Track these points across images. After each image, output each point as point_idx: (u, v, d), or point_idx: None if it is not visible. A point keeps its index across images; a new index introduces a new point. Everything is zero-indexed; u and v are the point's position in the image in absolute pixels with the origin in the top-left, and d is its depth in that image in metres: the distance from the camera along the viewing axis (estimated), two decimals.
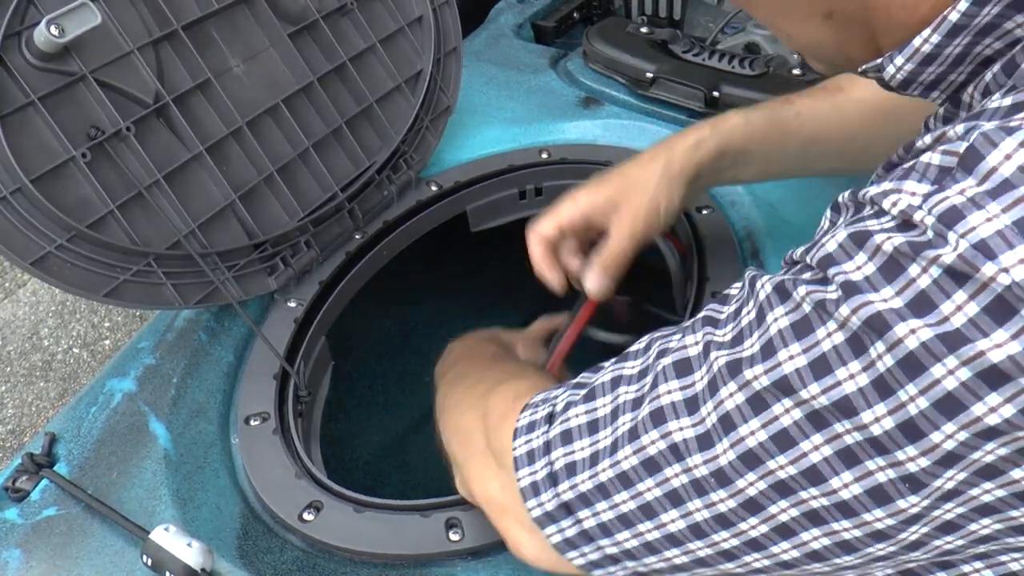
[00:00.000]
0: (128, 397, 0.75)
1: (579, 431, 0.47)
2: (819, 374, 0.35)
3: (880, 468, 0.35)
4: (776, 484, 0.38)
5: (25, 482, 0.70)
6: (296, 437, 0.72)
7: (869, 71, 0.44)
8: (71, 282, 0.68)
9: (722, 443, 0.40)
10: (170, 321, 0.81)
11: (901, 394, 0.33)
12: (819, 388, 0.36)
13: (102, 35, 0.71)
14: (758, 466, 0.39)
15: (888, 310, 0.33)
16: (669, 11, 1.20)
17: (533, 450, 0.50)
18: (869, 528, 0.37)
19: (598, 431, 0.46)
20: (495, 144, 1.01)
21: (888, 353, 0.33)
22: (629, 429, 0.44)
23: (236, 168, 0.80)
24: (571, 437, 0.47)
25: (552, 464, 0.48)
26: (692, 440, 0.41)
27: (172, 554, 0.60)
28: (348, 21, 0.91)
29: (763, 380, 0.37)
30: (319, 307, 0.84)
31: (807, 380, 0.36)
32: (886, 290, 0.33)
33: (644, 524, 0.44)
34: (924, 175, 0.35)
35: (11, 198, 0.65)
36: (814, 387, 0.36)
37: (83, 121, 0.70)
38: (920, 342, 0.32)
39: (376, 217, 0.92)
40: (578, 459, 0.47)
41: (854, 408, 0.35)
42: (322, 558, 0.64)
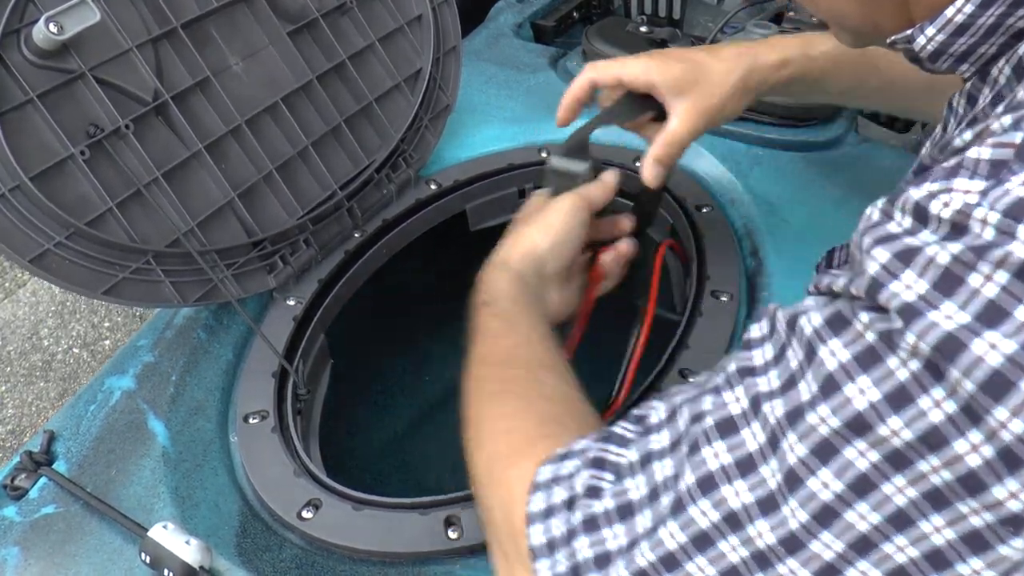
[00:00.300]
0: (127, 395, 0.75)
1: (607, 517, 0.41)
2: (898, 406, 0.31)
3: (974, 511, 0.31)
4: (856, 541, 0.33)
5: (24, 480, 0.70)
6: (295, 435, 0.72)
7: (899, 42, 0.43)
8: (70, 280, 0.68)
9: (789, 504, 0.34)
10: (169, 319, 0.81)
11: (989, 420, 0.29)
12: (901, 422, 0.31)
13: (101, 33, 0.71)
14: (834, 522, 0.34)
15: (957, 328, 0.30)
16: (669, 10, 1.20)
17: (554, 539, 0.42)
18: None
19: (634, 515, 0.40)
20: (494, 143, 1.01)
21: (967, 378, 0.30)
22: (672, 505, 0.38)
23: (235, 166, 0.80)
24: (598, 525, 0.41)
25: (575, 555, 0.41)
26: (752, 505, 0.35)
27: (171, 552, 0.60)
28: (347, 20, 0.91)
29: (832, 422, 0.33)
30: (318, 305, 0.84)
31: (884, 414, 0.32)
32: (947, 305, 0.30)
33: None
34: (975, 171, 0.32)
35: (10, 196, 0.65)
36: (894, 421, 0.31)
37: (82, 119, 0.70)
38: (1004, 356, 0.29)
39: (375, 216, 0.92)
40: (612, 548, 0.40)
41: (944, 439, 0.31)
42: (321, 556, 0.64)
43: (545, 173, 0.75)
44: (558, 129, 1.02)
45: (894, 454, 0.32)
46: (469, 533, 0.62)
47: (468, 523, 0.63)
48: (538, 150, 0.99)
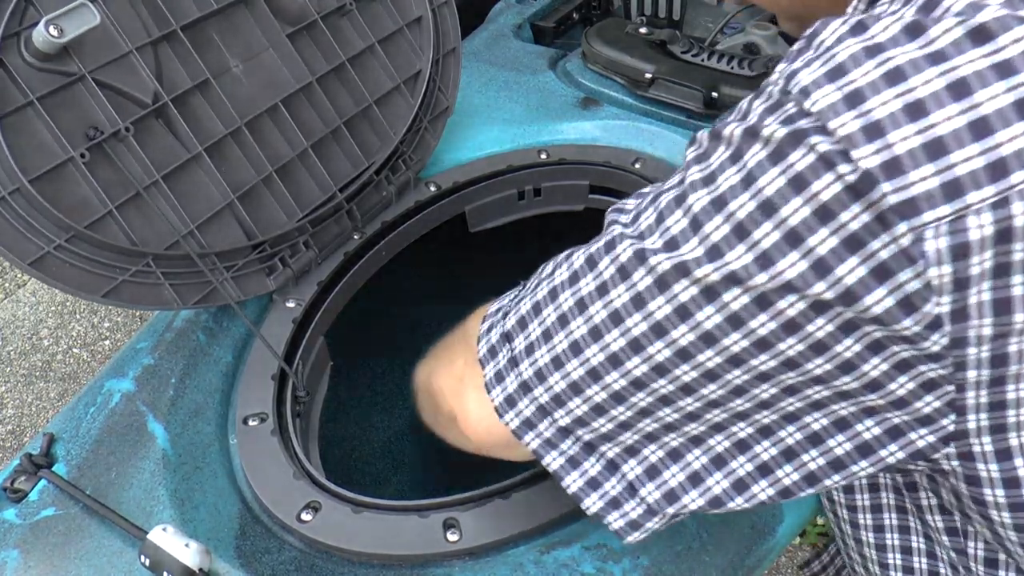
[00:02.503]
0: (127, 397, 0.75)
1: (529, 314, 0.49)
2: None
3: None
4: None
5: (23, 482, 0.70)
6: (294, 437, 0.72)
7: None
8: (70, 282, 0.68)
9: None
10: (169, 321, 0.81)
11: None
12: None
13: (101, 35, 0.71)
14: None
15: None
16: (668, 11, 1.20)
17: (493, 346, 0.52)
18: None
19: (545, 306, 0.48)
20: (494, 144, 1.01)
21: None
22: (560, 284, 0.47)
23: (235, 168, 0.80)
24: (525, 322, 0.49)
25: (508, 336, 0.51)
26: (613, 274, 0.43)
27: (170, 554, 0.60)
28: (347, 21, 0.91)
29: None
30: (318, 307, 0.84)
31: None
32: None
33: (571, 362, 0.46)
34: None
35: (10, 198, 0.65)
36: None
37: (82, 121, 0.70)
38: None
39: (375, 217, 0.92)
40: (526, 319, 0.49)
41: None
42: (320, 558, 0.64)
43: None
44: (558, 131, 1.03)
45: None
46: (468, 536, 0.62)
47: (467, 526, 0.63)
48: (537, 151, 0.99)
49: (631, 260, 0.42)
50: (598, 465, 0.49)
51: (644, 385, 0.44)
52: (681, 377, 0.42)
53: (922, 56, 0.34)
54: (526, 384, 0.48)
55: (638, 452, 0.48)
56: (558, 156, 0.98)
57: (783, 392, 0.42)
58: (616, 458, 0.49)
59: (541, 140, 1.01)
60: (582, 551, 0.62)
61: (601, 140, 1.01)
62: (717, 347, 0.40)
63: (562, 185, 0.98)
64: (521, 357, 0.49)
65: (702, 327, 0.40)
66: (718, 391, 0.42)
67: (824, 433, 0.43)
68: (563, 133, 1.02)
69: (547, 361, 0.47)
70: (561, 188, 0.98)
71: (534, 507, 0.64)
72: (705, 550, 0.63)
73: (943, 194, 0.34)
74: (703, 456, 0.46)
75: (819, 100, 0.35)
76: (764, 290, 0.38)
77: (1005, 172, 0.33)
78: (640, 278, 0.41)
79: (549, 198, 0.99)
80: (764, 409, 0.43)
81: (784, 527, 0.66)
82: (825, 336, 0.38)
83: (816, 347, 0.39)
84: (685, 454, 0.47)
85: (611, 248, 0.43)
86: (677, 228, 0.40)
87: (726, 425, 0.45)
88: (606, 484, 0.49)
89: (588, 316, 0.44)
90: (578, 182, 0.98)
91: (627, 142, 1.00)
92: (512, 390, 0.49)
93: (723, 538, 0.63)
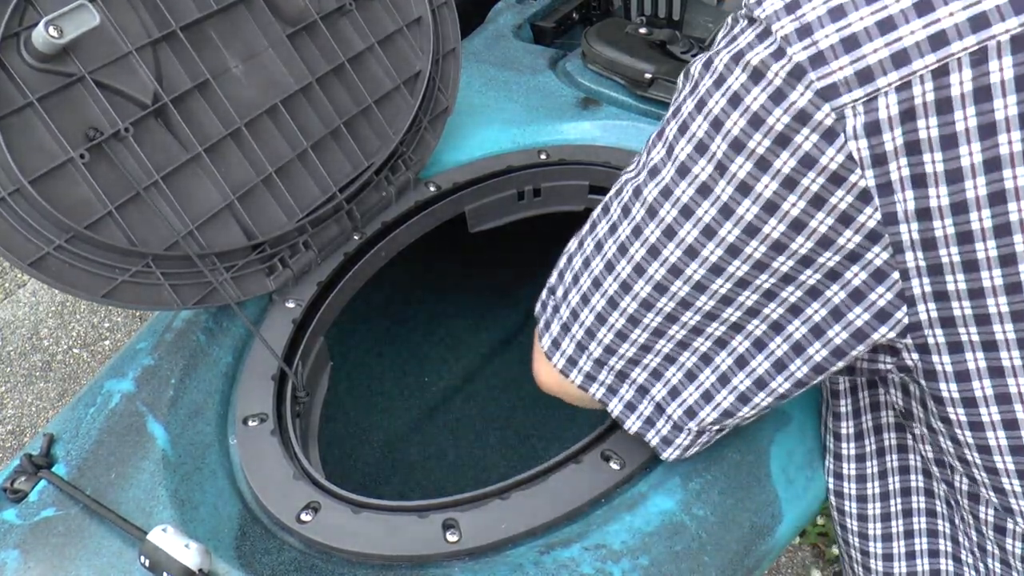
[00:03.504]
0: (126, 398, 0.75)
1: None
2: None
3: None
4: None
5: (23, 483, 0.70)
6: (294, 438, 0.72)
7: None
8: (70, 283, 0.68)
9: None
10: (168, 322, 0.81)
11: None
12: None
13: (101, 36, 0.71)
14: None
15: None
16: (668, 11, 1.20)
17: (543, 301, 0.62)
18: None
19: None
20: (494, 145, 1.01)
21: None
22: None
23: (234, 169, 0.80)
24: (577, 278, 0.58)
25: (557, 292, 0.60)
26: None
27: (170, 555, 0.60)
28: (347, 22, 0.91)
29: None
30: (317, 308, 0.84)
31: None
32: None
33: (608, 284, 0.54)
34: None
35: (10, 199, 0.65)
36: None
37: (81, 122, 0.70)
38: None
39: (374, 218, 0.92)
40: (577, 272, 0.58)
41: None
42: (320, 559, 0.64)
43: None
44: (557, 131, 1.03)
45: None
46: (467, 536, 0.62)
47: (467, 526, 0.63)
48: (537, 152, 0.99)
49: (631, 197, 0.52)
50: (632, 390, 0.59)
51: (651, 305, 0.52)
52: (677, 293, 0.51)
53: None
54: (565, 326, 0.58)
55: (661, 375, 0.57)
56: (558, 156, 0.98)
57: (768, 291, 0.49)
58: (644, 383, 0.58)
59: (541, 140, 1.01)
60: (581, 551, 0.62)
61: (601, 140, 1.01)
62: (699, 259, 0.49)
63: (562, 185, 0.98)
64: (558, 306, 0.59)
65: (684, 242, 0.49)
66: (708, 302, 0.51)
67: (794, 331, 0.51)
68: (563, 133, 1.02)
69: (577, 300, 0.56)
70: (561, 188, 0.98)
71: (533, 507, 0.64)
72: (705, 550, 0.63)
73: (857, 80, 0.41)
74: (711, 375, 0.55)
75: (767, 8, 0.43)
76: (726, 200, 0.46)
77: (907, 60, 0.41)
78: (636, 211, 0.51)
79: (549, 198, 0.99)
80: (752, 317, 0.51)
81: (784, 527, 0.66)
82: (799, 214, 0.45)
83: (793, 225, 0.46)
84: (698, 374, 0.55)
85: (619, 193, 0.54)
86: (657, 156, 0.50)
87: (725, 339, 0.53)
88: (640, 406, 0.59)
89: (603, 254, 0.54)
90: (578, 182, 0.98)
91: (627, 142, 1.00)
92: (556, 333, 0.59)
93: (723, 538, 0.63)
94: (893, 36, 0.41)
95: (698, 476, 0.66)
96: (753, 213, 0.46)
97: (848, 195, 0.43)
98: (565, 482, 0.65)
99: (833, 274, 0.47)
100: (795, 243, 0.46)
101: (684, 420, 0.58)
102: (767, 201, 0.45)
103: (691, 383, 0.56)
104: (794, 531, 0.67)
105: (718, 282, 0.49)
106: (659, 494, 0.65)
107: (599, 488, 0.65)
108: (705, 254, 0.48)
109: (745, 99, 0.44)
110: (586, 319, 0.56)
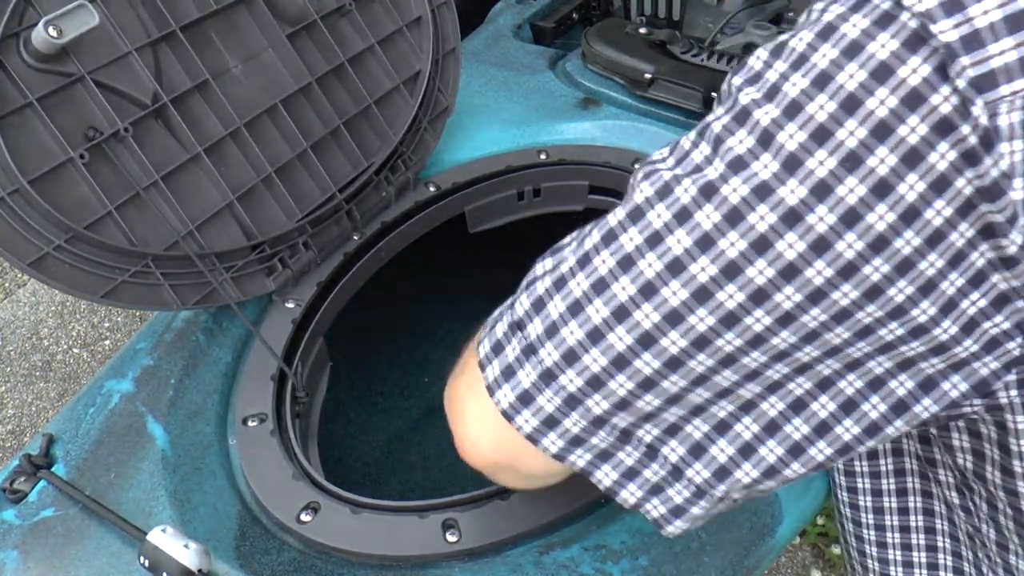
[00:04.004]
0: (126, 398, 0.75)
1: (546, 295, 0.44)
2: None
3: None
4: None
5: (23, 483, 0.70)
6: (294, 438, 0.72)
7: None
8: (69, 283, 0.68)
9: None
10: (168, 322, 0.81)
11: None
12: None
13: (100, 36, 0.71)
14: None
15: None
16: (668, 12, 1.20)
17: (498, 340, 0.46)
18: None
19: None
20: (493, 145, 1.01)
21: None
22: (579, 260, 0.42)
23: (234, 169, 0.80)
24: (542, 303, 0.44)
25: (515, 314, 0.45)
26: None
27: (169, 555, 0.60)
28: (347, 22, 0.91)
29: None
30: (317, 308, 0.84)
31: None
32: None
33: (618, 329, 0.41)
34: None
35: (9, 199, 0.65)
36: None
37: (81, 122, 0.70)
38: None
39: (374, 218, 0.92)
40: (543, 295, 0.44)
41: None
42: (319, 559, 0.64)
43: None
44: (557, 131, 1.03)
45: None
46: (467, 536, 0.62)
47: (466, 526, 0.63)
48: (537, 152, 0.99)
49: (697, 197, 0.38)
50: (636, 453, 0.44)
51: (708, 343, 0.39)
52: (752, 327, 0.38)
53: None
54: (549, 372, 0.42)
55: (680, 430, 0.43)
56: (558, 156, 0.98)
57: (855, 336, 0.39)
58: (655, 442, 0.44)
59: (541, 140, 1.01)
60: (581, 552, 0.62)
61: (601, 140, 1.01)
62: (797, 281, 0.37)
63: (562, 185, 0.98)
64: (541, 342, 0.42)
65: (783, 259, 0.36)
66: (790, 337, 0.39)
67: (887, 376, 0.40)
68: (563, 133, 1.02)
69: (580, 338, 0.41)
70: (561, 188, 0.98)
71: (533, 508, 0.64)
72: (704, 550, 0.62)
73: (1021, 68, 0.32)
74: (754, 424, 0.42)
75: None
76: (852, 204, 0.35)
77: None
78: (707, 215, 0.38)
79: (549, 198, 0.99)
80: (829, 358, 0.39)
81: (784, 527, 0.66)
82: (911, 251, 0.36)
83: (929, 240, 0.36)
84: (733, 425, 0.43)
85: (667, 193, 0.39)
86: (743, 147, 0.37)
87: (784, 382, 0.41)
88: (646, 471, 0.45)
89: (637, 273, 0.39)
90: (578, 182, 0.98)
91: (627, 142, 1.00)
92: (528, 385, 0.43)
93: (723, 539, 0.63)
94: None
95: None
96: (887, 223, 0.35)
97: (998, 213, 0.35)
98: (565, 482, 0.65)
99: (950, 305, 0.37)
100: (924, 262, 0.36)
101: (712, 483, 0.44)
102: (908, 207, 0.35)
103: (722, 435, 0.43)
104: (794, 531, 0.67)
105: (813, 312, 0.38)
106: None
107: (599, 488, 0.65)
108: (809, 275, 0.37)
109: (899, 71, 0.34)
110: (594, 363, 0.41)
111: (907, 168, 0.34)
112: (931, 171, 0.34)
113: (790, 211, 0.36)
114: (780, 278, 0.37)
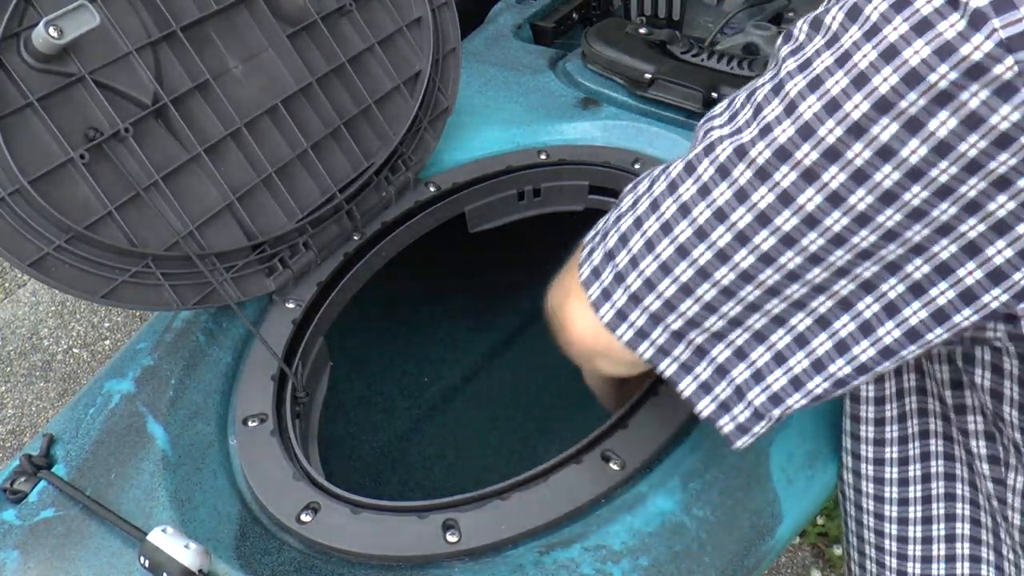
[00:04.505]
0: (126, 398, 0.75)
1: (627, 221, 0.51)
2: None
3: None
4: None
5: (23, 483, 0.70)
6: (294, 438, 0.72)
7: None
8: (69, 283, 0.68)
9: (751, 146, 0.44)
10: (168, 322, 0.81)
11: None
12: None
13: (101, 36, 0.71)
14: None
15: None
16: (668, 12, 1.20)
17: (596, 266, 0.53)
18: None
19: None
20: (494, 145, 1.01)
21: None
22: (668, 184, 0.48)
23: (234, 169, 0.80)
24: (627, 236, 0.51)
25: (607, 241, 0.52)
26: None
27: (169, 555, 0.60)
28: (347, 22, 0.91)
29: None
30: (317, 308, 0.84)
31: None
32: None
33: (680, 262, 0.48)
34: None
35: (9, 199, 0.65)
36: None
37: (81, 122, 0.70)
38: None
39: (374, 218, 0.92)
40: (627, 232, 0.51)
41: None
42: (319, 559, 0.64)
43: None
44: (557, 131, 1.03)
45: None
46: (467, 536, 0.62)
47: (467, 526, 0.63)
48: (537, 152, 0.99)
49: (731, 157, 0.44)
50: (709, 369, 0.51)
51: (751, 277, 0.46)
52: (786, 265, 0.45)
53: None
54: (635, 296, 0.50)
55: (746, 355, 0.50)
56: (558, 156, 0.98)
57: (872, 278, 0.44)
58: (726, 362, 0.51)
59: (541, 140, 1.01)
60: (581, 552, 0.62)
61: (601, 140, 1.01)
62: (819, 228, 0.43)
63: (562, 186, 0.98)
64: (627, 271, 0.50)
65: (804, 209, 0.42)
66: (821, 274, 0.45)
67: (926, 281, 0.44)
68: (563, 133, 1.02)
69: (655, 269, 0.49)
70: (561, 189, 0.98)
71: (533, 508, 0.64)
72: (705, 550, 0.63)
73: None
74: (804, 359, 0.49)
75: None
76: (860, 164, 0.40)
77: None
78: (740, 173, 0.44)
79: (549, 199, 0.99)
80: (847, 281, 0.45)
81: (784, 527, 0.66)
82: (920, 202, 0.40)
83: (939, 192, 0.40)
84: (788, 357, 0.49)
85: (710, 151, 0.45)
86: (772, 115, 0.43)
87: (819, 308, 0.47)
88: (717, 388, 0.52)
89: (692, 219, 0.46)
90: (578, 183, 0.98)
91: (627, 142, 1.00)
92: (621, 304, 0.51)
93: (723, 538, 0.63)
94: None
95: (698, 476, 0.66)
96: (893, 180, 0.40)
97: (1013, 158, 0.38)
98: (565, 482, 0.65)
99: (972, 248, 0.42)
100: (937, 210, 0.41)
101: (767, 407, 0.51)
102: (912, 168, 0.40)
103: (779, 366, 0.50)
104: (794, 531, 0.67)
105: (835, 254, 0.44)
106: (659, 494, 0.65)
107: (599, 488, 0.65)
108: (828, 223, 0.43)
109: (904, 52, 0.38)
110: (666, 290, 0.49)
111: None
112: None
113: (806, 171, 0.42)
114: (804, 225, 0.43)
